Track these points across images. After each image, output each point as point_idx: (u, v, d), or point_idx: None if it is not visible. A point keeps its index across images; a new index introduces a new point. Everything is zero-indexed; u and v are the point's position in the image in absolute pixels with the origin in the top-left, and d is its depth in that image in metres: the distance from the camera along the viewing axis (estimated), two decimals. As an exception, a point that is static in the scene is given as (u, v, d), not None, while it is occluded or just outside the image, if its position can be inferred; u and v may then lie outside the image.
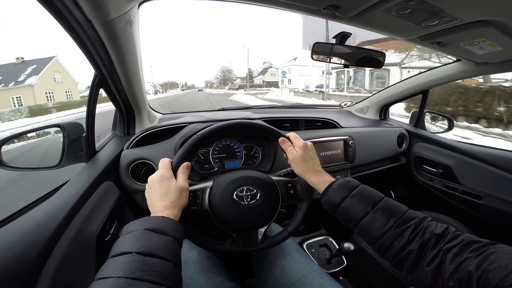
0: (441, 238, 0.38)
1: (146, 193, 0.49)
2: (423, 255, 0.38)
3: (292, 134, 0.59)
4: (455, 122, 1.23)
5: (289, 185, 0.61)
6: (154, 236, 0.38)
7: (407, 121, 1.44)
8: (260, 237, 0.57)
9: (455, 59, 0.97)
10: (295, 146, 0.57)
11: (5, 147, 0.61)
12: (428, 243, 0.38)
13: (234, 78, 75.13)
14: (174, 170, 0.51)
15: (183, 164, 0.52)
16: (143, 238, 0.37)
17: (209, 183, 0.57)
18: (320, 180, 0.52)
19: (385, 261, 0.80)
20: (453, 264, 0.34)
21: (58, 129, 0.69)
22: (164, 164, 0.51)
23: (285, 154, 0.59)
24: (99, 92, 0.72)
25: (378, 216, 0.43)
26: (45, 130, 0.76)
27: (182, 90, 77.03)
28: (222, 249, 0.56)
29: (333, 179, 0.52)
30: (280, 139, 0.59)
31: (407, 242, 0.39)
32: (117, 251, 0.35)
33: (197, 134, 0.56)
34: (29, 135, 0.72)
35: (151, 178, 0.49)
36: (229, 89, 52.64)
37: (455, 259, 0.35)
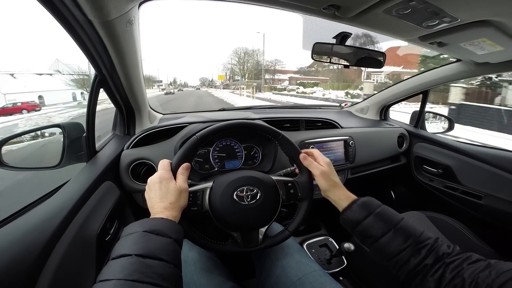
0: (449, 255, 0.42)
1: (145, 195, 0.49)
2: (434, 269, 0.41)
3: (315, 151, 0.60)
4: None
5: (289, 184, 0.61)
6: (153, 238, 0.38)
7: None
8: (261, 237, 0.57)
9: (455, 59, 0.97)
10: (320, 162, 0.58)
11: (5, 147, 0.61)
12: (442, 259, 0.42)
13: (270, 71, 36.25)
14: (174, 171, 0.51)
15: (182, 165, 0.52)
16: (142, 240, 0.37)
17: (209, 184, 0.57)
18: (342, 197, 0.54)
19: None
20: (451, 273, 0.38)
21: (59, 129, 0.69)
22: (163, 165, 0.51)
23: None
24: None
25: (398, 235, 0.46)
26: (45, 130, 0.76)
27: (166, 89, 46.78)
28: (223, 249, 0.55)
29: (355, 197, 0.54)
30: (301, 155, 0.59)
31: (423, 258, 0.42)
32: (117, 253, 0.35)
33: (196, 135, 0.56)
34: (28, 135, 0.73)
35: (150, 180, 0.49)
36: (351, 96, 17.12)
37: (454, 270, 0.38)
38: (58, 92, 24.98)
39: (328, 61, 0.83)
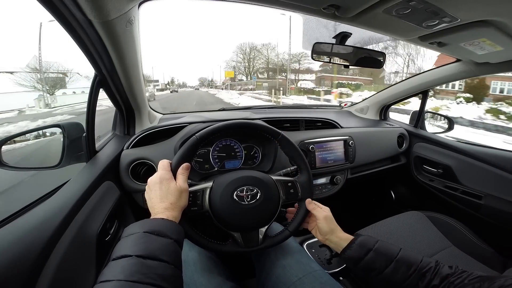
0: (453, 274, 0.45)
1: (146, 195, 0.49)
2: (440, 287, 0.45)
3: (316, 202, 0.64)
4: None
5: (289, 184, 0.61)
6: (154, 238, 0.38)
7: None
8: (261, 236, 0.57)
9: (455, 59, 0.97)
10: (321, 208, 0.62)
11: (5, 147, 0.61)
12: (446, 278, 0.45)
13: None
14: (174, 171, 0.51)
15: (182, 165, 0.52)
16: (143, 241, 0.37)
17: (209, 184, 0.57)
18: (341, 238, 0.58)
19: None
20: None
21: (59, 129, 0.69)
22: (163, 165, 0.51)
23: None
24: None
25: (401, 265, 0.49)
26: (45, 130, 0.76)
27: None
28: (224, 249, 0.55)
29: (351, 236, 0.58)
30: (307, 200, 0.61)
31: (430, 280, 0.46)
32: (118, 254, 0.35)
33: (196, 135, 0.56)
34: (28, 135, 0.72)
35: (150, 180, 0.49)
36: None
37: (457, 286, 0.42)
38: (19, 95, 17.57)
39: (328, 61, 0.83)
